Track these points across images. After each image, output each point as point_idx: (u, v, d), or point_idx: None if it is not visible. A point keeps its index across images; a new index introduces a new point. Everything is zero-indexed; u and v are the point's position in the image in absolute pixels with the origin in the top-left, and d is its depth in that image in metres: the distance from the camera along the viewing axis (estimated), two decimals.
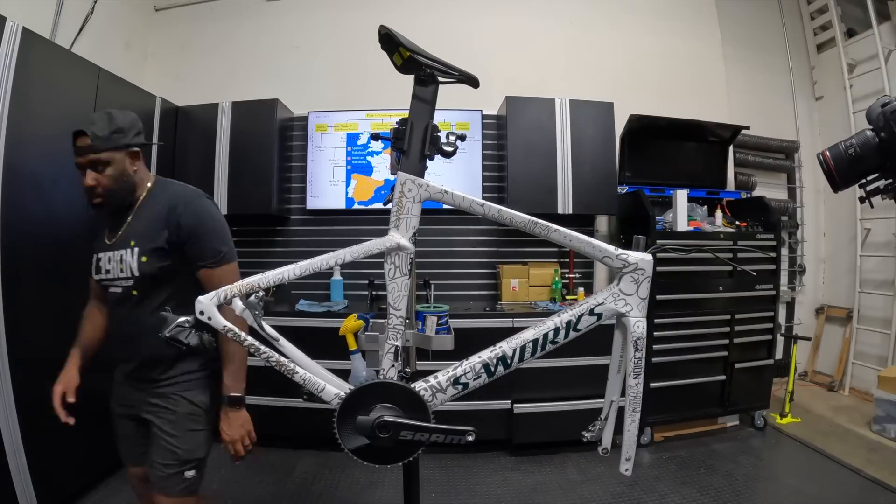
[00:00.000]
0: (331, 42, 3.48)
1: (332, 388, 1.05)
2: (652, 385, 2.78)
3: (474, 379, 1.05)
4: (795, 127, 4.11)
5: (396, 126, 1.09)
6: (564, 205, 3.02)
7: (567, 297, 3.14)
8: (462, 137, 1.11)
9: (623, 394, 1.14)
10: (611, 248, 1.10)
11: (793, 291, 4.07)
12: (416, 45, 1.05)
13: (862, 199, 1.16)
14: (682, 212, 2.98)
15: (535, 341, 1.06)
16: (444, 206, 1.14)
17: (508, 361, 1.05)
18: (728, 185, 3.59)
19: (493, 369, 1.05)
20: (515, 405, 2.69)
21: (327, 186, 3.24)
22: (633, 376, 1.09)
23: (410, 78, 1.09)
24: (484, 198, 1.40)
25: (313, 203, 3.25)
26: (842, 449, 2.79)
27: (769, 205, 3.26)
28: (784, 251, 3.76)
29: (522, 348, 1.05)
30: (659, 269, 2.53)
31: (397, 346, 1.08)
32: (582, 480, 2.47)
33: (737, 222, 3.26)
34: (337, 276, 3.14)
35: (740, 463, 2.66)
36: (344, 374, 1.15)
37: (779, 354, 3.48)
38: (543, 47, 3.53)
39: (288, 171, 3.27)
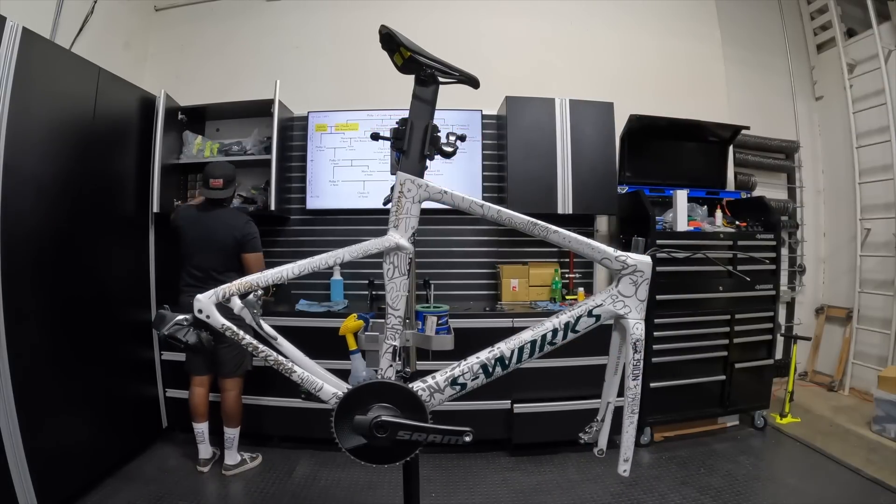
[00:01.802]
0: (331, 42, 3.48)
1: (330, 388, 1.05)
2: (652, 385, 2.78)
3: (472, 379, 1.05)
4: (795, 127, 4.10)
5: (396, 126, 1.09)
6: (564, 205, 3.02)
7: (567, 297, 3.14)
8: (462, 138, 1.11)
9: (620, 395, 1.14)
10: (609, 249, 1.10)
11: (793, 291, 4.06)
12: (417, 45, 1.06)
13: None
14: (682, 212, 2.98)
15: (532, 342, 1.06)
16: (444, 206, 1.14)
17: (506, 362, 1.05)
18: (728, 185, 3.58)
19: (490, 370, 1.05)
20: (515, 405, 2.69)
21: (327, 186, 3.24)
22: (631, 378, 1.09)
23: (411, 78, 1.09)
24: (484, 198, 1.40)
25: (313, 203, 3.25)
26: (842, 449, 2.79)
27: (769, 205, 3.26)
28: (784, 251, 3.75)
29: (520, 349, 1.05)
30: (659, 268, 2.52)
31: (395, 345, 1.08)
32: (582, 480, 2.47)
33: (737, 222, 3.25)
34: (337, 276, 3.14)
35: (740, 463, 2.66)
36: (344, 375, 1.15)
37: (779, 354, 3.48)
38: (543, 47, 3.53)
39: (288, 171, 3.27)
